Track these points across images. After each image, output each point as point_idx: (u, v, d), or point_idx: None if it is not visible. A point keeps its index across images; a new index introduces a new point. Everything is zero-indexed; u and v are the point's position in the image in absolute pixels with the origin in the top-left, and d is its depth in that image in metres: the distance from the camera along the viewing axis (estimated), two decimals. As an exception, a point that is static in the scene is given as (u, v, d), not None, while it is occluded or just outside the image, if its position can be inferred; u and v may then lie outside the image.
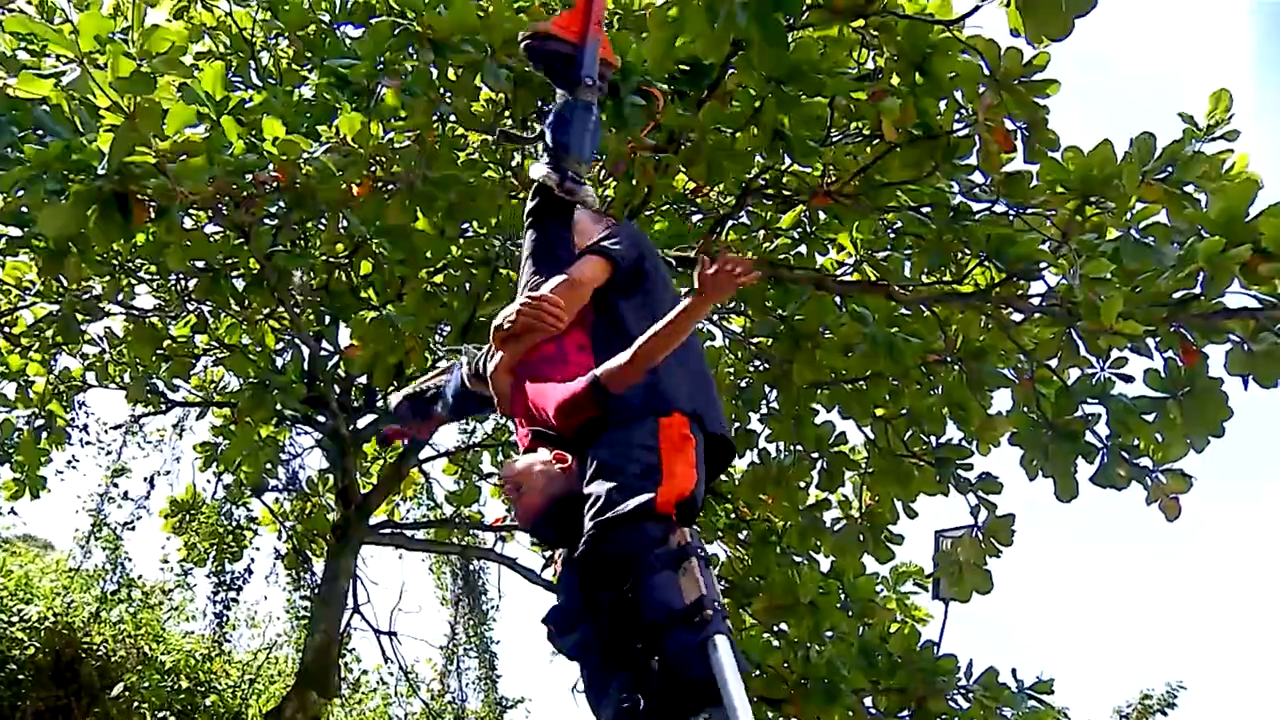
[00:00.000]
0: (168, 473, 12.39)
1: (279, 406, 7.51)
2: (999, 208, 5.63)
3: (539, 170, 3.50)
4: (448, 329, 7.56)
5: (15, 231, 5.61)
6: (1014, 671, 6.58)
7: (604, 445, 2.81)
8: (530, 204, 3.53)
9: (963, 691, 6.51)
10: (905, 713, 6.66)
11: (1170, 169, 4.93)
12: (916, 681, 6.52)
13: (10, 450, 8.38)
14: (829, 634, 6.93)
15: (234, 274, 6.62)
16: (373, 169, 5.26)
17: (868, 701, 6.80)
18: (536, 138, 3.69)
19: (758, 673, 7.28)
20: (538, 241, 3.47)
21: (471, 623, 14.92)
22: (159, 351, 7.89)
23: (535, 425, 3.01)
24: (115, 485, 12.02)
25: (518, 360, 3.15)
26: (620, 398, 2.82)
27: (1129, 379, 5.32)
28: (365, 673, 13.96)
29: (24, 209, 4.80)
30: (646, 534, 2.60)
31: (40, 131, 4.55)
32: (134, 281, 7.39)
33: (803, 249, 6.99)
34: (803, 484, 7.12)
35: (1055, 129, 5.14)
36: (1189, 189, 4.94)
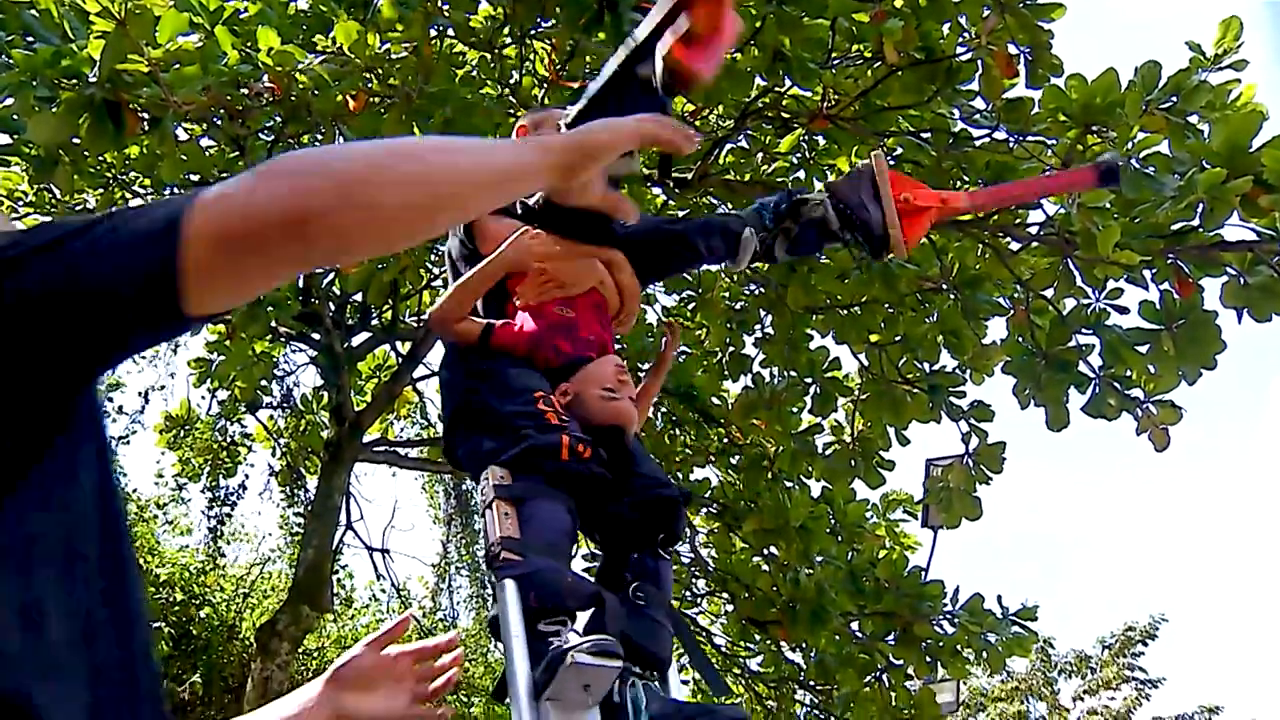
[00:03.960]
0: (162, 388, 12.53)
1: (273, 323, 7.50)
2: (999, 134, 5.58)
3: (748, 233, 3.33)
4: (443, 247, 7.52)
5: (5, 139, 5.56)
6: (999, 598, 6.68)
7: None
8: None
9: (948, 616, 6.60)
10: (891, 636, 6.77)
11: (1174, 99, 4.86)
12: (903, 606, 6.61)
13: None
14: (818, 558, 7.01)
15: (228, 188, 6.54)
16: (369, 82, 5.19)
17: (854, 625, 6.91)
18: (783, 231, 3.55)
19: (747, 595, 7.38)
20: None
21: (464, 541, 15.00)
22: (153, 266, 7.84)
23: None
24: (110, 400, 12.02)
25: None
26: None
27: (1124, 310, 5.29)
28: (357, 588, 14.17)
29: (14, 116, 4.74)
30: None
31: (29, 37, 4.48)
32: (128, 195, 7.32)
33: (801, 173, 6.94)
34: (795, 409, 7.12)
35: (1059, 55, 5.10)
36: (1193, 119, 4.88)
